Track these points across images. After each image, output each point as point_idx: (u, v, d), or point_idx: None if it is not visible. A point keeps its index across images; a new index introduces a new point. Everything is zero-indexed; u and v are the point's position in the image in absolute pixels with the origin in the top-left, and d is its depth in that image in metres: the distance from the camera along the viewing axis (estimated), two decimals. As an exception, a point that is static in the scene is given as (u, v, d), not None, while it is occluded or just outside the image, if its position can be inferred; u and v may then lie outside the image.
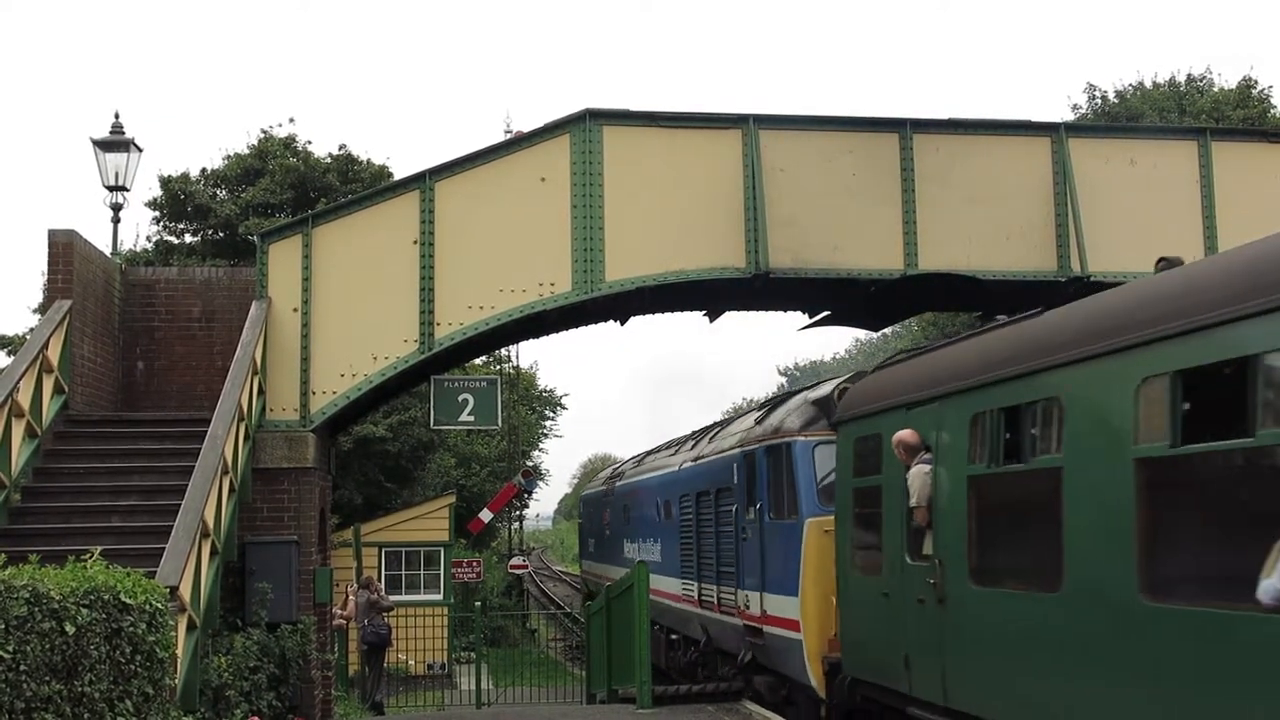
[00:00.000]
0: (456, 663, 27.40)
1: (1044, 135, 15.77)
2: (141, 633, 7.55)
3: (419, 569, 27.95)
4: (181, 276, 16.01)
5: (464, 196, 14.83)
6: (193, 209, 30.05)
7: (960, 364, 10.31)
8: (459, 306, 14.63)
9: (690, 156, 15.14)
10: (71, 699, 6.76)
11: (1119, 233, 15.44)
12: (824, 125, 15.54)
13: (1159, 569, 7.15)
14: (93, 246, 14.48)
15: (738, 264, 15.01)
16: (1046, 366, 8.54)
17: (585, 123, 15.00)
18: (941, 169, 15.44)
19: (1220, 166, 15.91)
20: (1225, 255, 8.17)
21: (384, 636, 21.23)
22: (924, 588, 10.13)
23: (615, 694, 18.02)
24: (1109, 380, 7.75)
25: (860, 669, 12.03)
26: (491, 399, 15.89)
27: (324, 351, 14.50)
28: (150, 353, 15.40)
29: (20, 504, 11.93)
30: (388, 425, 30.61)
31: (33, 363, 11.97)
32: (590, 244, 14.82)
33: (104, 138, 16.39)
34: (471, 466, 45.12)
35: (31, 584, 6.60)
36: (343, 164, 31.24)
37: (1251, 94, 33.97)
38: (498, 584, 43.08)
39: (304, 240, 14.64)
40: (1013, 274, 15.39)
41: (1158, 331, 7.23)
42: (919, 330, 44.23)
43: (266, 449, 14.11)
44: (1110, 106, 35.50)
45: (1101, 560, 7.64)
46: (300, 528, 14.20)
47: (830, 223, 15.14)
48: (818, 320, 18.06)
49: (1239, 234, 14.23)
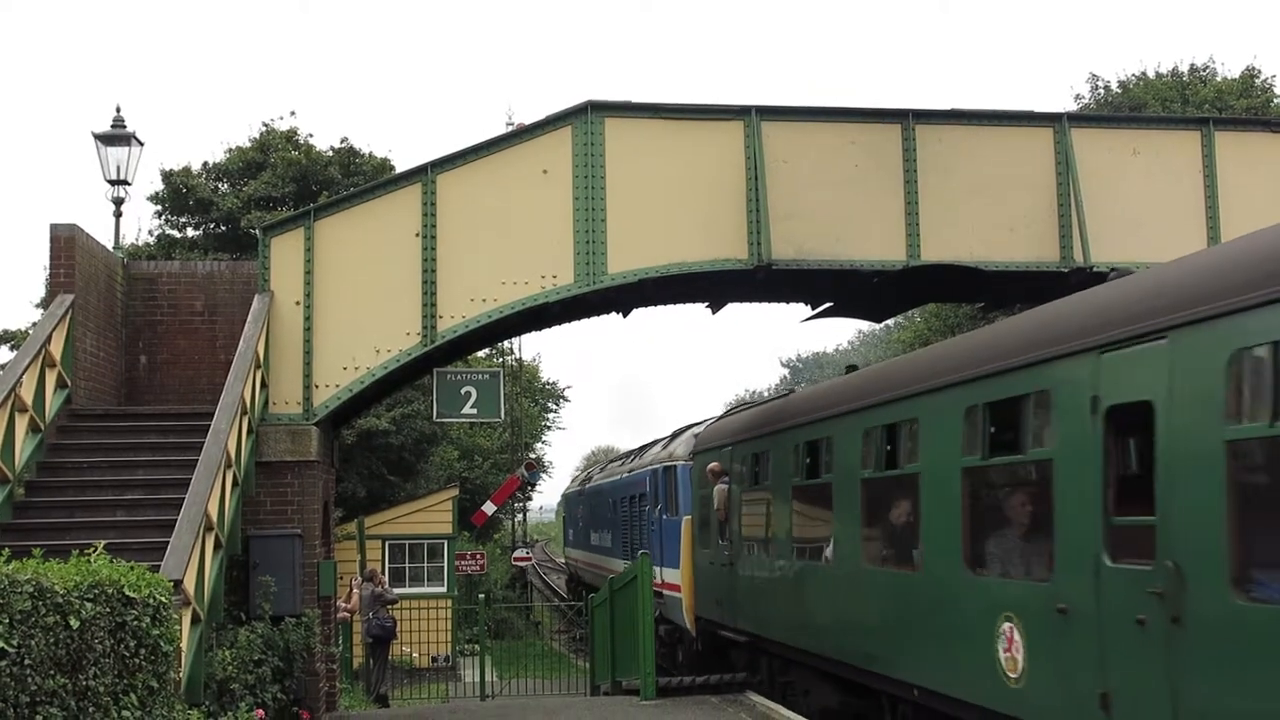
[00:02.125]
0: (460, 655, 27.44)
1: (1047, 125, 15.73)
2: (146, 626, 7.55)
3: (422, 562, 27.98)
4: (184, 270, 16.02)
5: (466, 189, 14.81)
6: (194, 203, 30.04)
7: (761, 416, 16.84)
8: (461, 299, 14.62)
9: (692, 148, 15.12)
10: (76, 693, 6.77)
11: (1122, 223, 15.41)
12: (826, 116, 15.51)
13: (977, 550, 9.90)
14: (95, 241, 14.48)
15: (740, 255, 15.00)
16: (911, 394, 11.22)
17: (587, 115, 14.97)
18: (944, 160, 15.41)
19: (1223, 156, 15.86)
20: (1020, 319, 10.52)
21: (389, 629, 21.28)
22: (724, 559, 17.39)
23: (619, 685, 18.05)
24: (947, 407, 10.34)
25: (703, 610, 18.97)
26: (494, 391, 15.90)
27: (326, 345, 14.50)
28: (153, 347, 15.42)
29: (24, 498, 11.94)
30: (391, 418, 30.63)
31: (35, 357, 11.97)
32: (592, 236, 14.80)
33: (105, 132, 16.39)
34: (474, 459, 45.17)
35: (35, 578, 6.60)
36: (344, 157, 31.22)
37: (1255, 83, 33.89)
38: (501, 576, 43.14)
39: (306, 234, 14.63)
40: (1015, 265, 15.36)
41: (974, 374, 9.98)
42: (922, 321, 44.19)
43: (269, 442, 14.11)
44: (1113, 96, 35.43)
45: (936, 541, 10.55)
46: (304, 521, 14.22)
47: (833, 214, 15.12)
48: (820, 312, 18.05)
49: (1241, 223, 14.23)
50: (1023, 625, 8.98)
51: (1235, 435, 6.86)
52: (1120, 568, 7.78)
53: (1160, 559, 7.35)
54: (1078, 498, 8.26)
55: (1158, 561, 7.36)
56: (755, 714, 14.67)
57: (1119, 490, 8.04)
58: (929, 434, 10.76)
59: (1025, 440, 9.25)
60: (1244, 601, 6.68)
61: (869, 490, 12.21)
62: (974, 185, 15.42)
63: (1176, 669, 7.17)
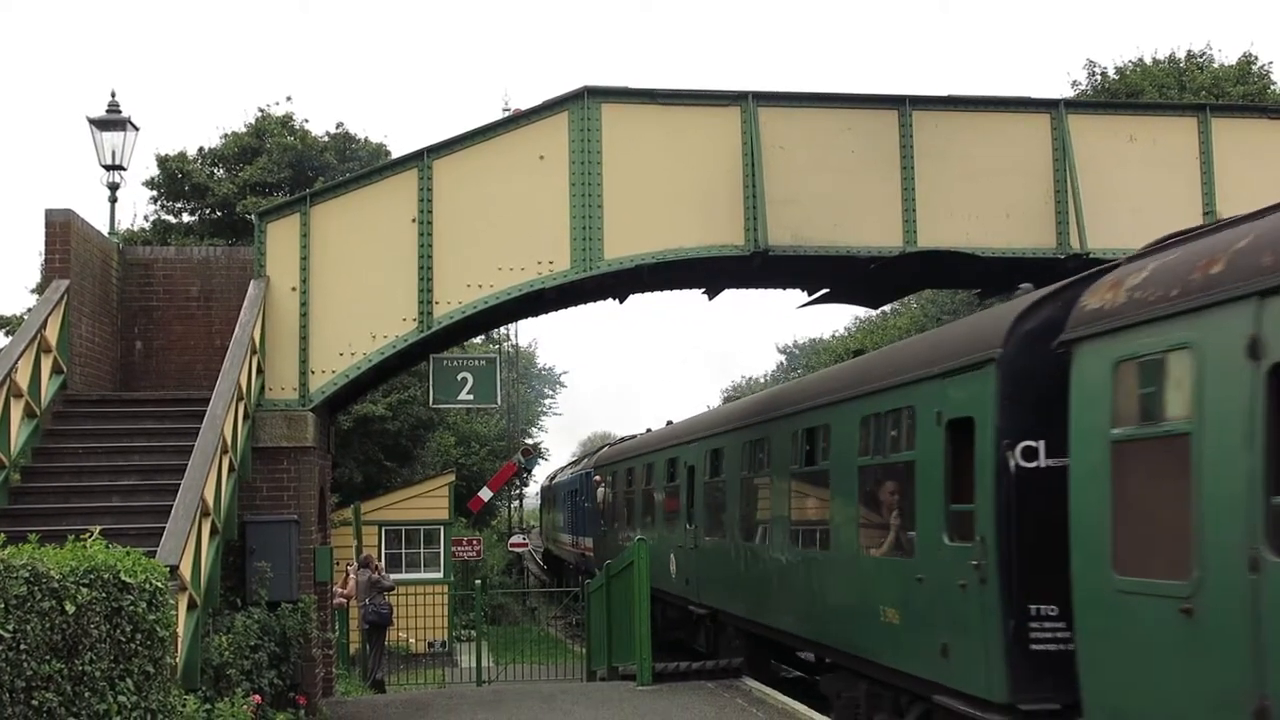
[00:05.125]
0: (457, 641, 27.48)
1: (1043, 112, 15.72)
2: (142, 612, 7.54)
3: (419, 547, 28.01)
4: (179, 256, 15.99)
5: (462, 175, 14.79)
6: (190, 188, 30.02)
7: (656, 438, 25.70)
8: (458, 285, 14.61)
9: (689, 134, 15.09)
10: (72, 678, 6.77)
11: (1118, 209, 15.40)
12: (823, 102, 15.48)
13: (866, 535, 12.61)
14: (90, 226, 14.44)
15: (737, 242, 14.99)
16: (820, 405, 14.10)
17: (584, 100, 14.94)
18: (941, 146, 15.39)
19: (1220, 143, 15.86)
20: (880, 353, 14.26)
21: (385, 616, 21.31)
22: (603, 532, 29.80)
23: (616, 671, 18.09)
24: (850, 416, 12.95)
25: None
26: (490, 377, 15.91)
27: (323, 330, 14.48)
28: (148, 332, 15.39)
29: (20, 484, 11.92)
30: (387, 404, 30.65)
31: (31, 343, 11.95)
32: (589, 222, 14.79)
33: (100, 116, 16.31)
34: (471, 445, 45.19)
35: (31, 563, 6.59)
36: (340, 142, 31.19)
37: (1251, 70, 33.83)
38: (498, 562, 43.18)
39: (302, 219, 14.61)
40: (1012, 251, 15.37)
41: (862, 390, 12.71)
42: (918, 308, 44.19)
43: (266, 428, 14.11)
44: (1110, 83, 35.35)
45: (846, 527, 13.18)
46: (300, 506, 14.22)
47: (829, 200, 15.10)
48: (817, 298, 18.05)
49: (1238, 210, 14.13)
50: (894, 592, 11.68)
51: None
52: (952, 545, 10.40)
53: (976, 539, 9.95)
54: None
55: (975, 540, 9.96)
56: (750, 699, 14.72)
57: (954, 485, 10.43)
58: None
59: (900, 444, 11.75)
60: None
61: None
62: (970, 171, 15.41)
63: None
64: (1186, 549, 7.22)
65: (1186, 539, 7.23)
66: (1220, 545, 6.94)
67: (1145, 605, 7.62)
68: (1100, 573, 8.13)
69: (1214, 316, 7.15)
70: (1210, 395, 7.11)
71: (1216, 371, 7.07)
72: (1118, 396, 8.15)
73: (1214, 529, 7.01)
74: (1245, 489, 6.74)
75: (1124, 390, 8.12)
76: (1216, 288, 7.16)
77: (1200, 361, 7.22)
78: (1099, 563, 8.15)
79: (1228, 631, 6.87)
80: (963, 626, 10.12)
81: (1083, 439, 8.46)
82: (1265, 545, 6.57)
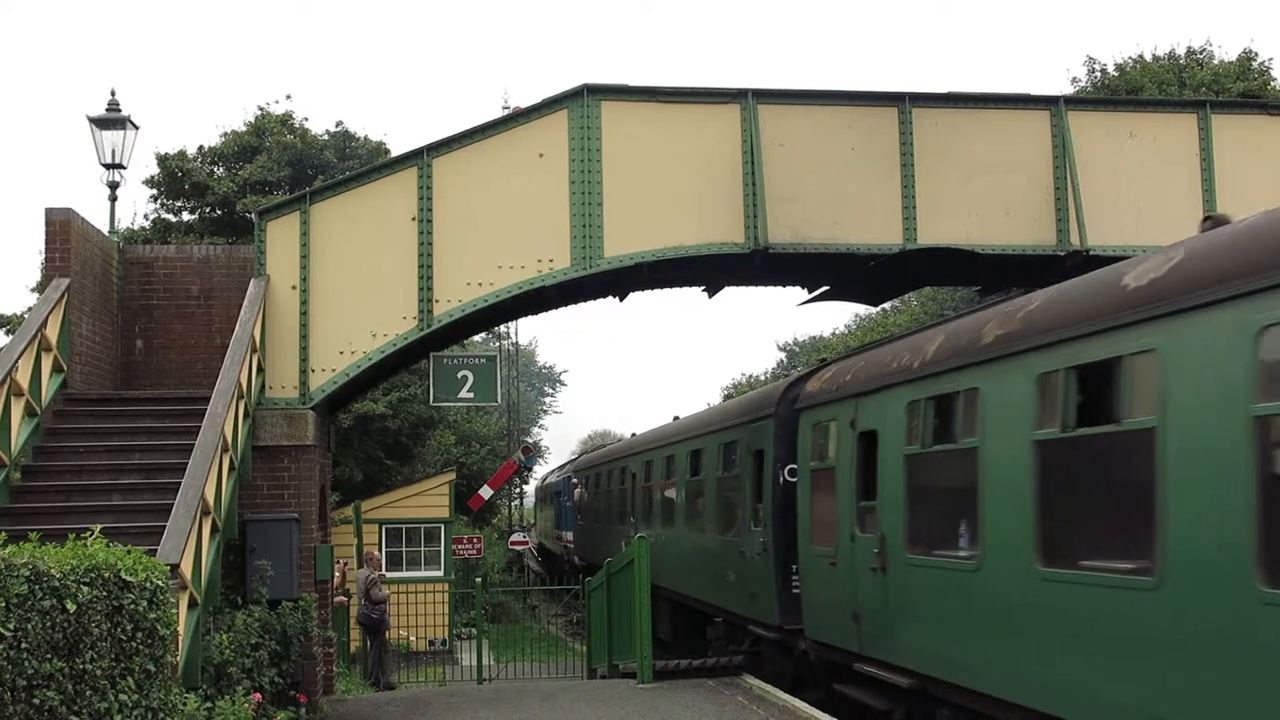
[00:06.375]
0: (457, 639, 27.50)
1: (1043, 108, 15.72)
2: (142, 610, 7.55)
3: (419, 546, 28.01)
4: (179, 254, 15.98)
5: (462, 173, 14.79)
6: (190, 187, 29.98)
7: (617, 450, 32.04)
8: (458, 283, 14.62)
9: (689, 132, 15.09)
10: (73, 676, 6.77)
11: (1119, 206, 15.41)
12: (823, 99, 15.48)
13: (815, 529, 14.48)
14: (90, 225, 14.44)
15: (737, 239, 14.99)
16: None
17: (583, 98, 14.94)
18: (940, 143, 15.39)
19: (1220, 139, 15.86)
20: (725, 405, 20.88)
21: (375, 621, 21.13)
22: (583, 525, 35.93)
23: (616, 669, 18.09)
24: (713, 443, 18.56)
25: (579, 551, 34.67)
26: (490, 375, 15.92)
27: (323, 329, 14.49)
28: (149, 331, 15.39)
29: (20, 483, 11.94)
30: (387, 402, 30.64)
31: (31, 341, 11.95)
32: (589, 220, 14.79)
33: (100, 115, 16.32)
34: (471, 444, 45.20)
35: (32, 562, 6.60)
36: (340, 141, 31.18)
37: (1252, 66, 33.81)
38: (498, 560, 43.21)
39: (302, 217, 14.61)
40: (1012, 248, 15.36)
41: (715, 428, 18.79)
42: (918, 305, 44.18)
43: (266, 427, 14.11)
44: (1110, 79, 35.34)
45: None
46: (300, 505, 14.23)
47: (829, 197, 15.10)
48: (816, 295, 18.04)
49: (1239, 206, 14.16)
50: (732, 561, 17.00)
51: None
52: (755, 529, 15.72)
53: (764, 524, 15.43)
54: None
55: (763, 525, 15.42)
56: (751, 696, 14.72)
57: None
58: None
59: (735, 464, 17.18)
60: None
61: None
62: (970, 168, 15.41)
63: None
64: (835, 532, 13.07)
65: (835, 527, 13.07)
66: (845, 528, 12.87)
67: (820, 562, 13.64)
68: (807, 545, 14.18)
69: (841, 405, 13.18)
70: (840, 448, 13.12)
71: (842, 435, 13.06)
72: (814, 443, 14.10)
73: (842, 520, 12.96)
74: (853, 499, 12.61)
75: (816, 440, 14.07)
76: (841, 390, 13.26)
77: (839, 428, 13.16)
78: (807, 538, 14.21)
79: (843, 570, 12.82)
80: (760, 580, 15.68)
81: (803, 466, 14.49)
82: (857, 527, 12.52)
